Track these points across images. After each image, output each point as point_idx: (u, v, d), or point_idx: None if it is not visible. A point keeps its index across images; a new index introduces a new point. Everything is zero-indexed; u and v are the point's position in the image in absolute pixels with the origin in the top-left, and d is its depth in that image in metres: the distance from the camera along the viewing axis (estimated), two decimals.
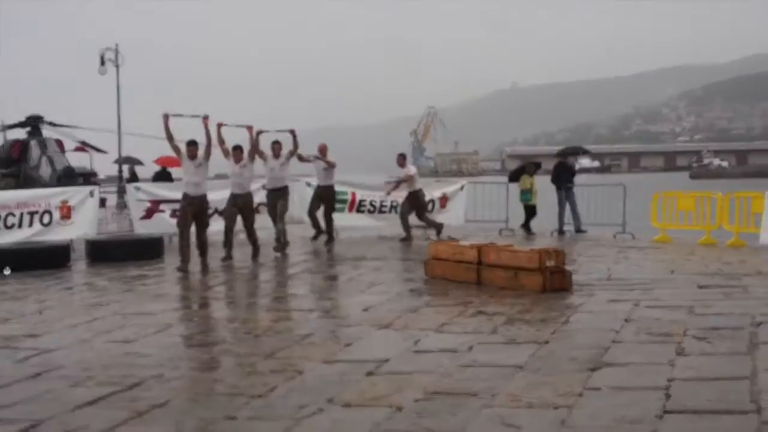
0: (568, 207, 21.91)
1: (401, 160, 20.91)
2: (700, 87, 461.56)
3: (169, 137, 15.55)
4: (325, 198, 19.81)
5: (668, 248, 17.84)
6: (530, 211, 22.09)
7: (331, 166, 19.91)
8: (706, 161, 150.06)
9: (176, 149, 15.53)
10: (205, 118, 15.95)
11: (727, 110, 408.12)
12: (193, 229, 15.66)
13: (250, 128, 17.05)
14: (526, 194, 21.99)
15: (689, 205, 19.45)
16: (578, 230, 21.62)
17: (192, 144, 15.43)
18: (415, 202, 20.25)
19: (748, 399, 6.17)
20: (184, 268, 14.88)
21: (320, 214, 19.93)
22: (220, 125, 16.37)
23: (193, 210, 15.51)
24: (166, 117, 15.58)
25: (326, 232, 19.66)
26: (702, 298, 10.87)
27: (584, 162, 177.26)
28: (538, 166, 23.19)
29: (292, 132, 18.14)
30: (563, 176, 22.20)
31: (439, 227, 20.17)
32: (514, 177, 22.97)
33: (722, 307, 10.11)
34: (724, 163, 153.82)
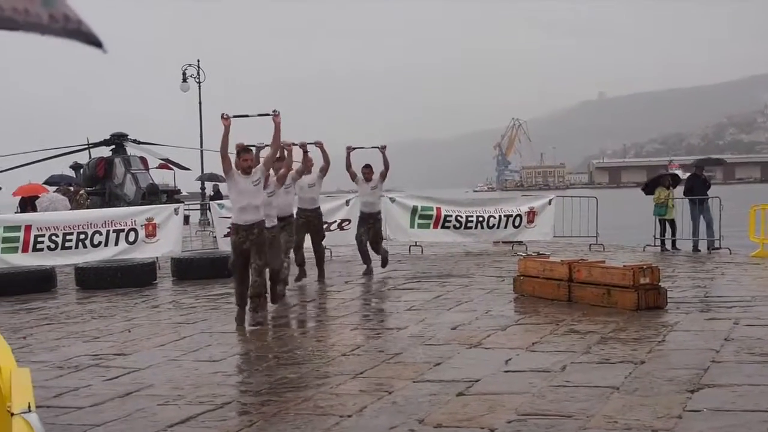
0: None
1: (368, 172, 16.82)
2: None
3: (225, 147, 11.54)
4: (314, 225, 16.13)
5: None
6: (665, 226, 21.08)
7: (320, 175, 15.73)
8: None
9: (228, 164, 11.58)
10: (276, 114, 11.49)
11: None
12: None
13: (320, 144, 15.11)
14: (661, 208, 20.87)
15: None
16: (711, 248, 20.47)
17: (246, 151, 11.45)
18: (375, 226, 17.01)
19: None
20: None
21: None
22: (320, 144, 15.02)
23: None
24: (227, 120, 11.31)
25: (318, 272, 16.30)
26: None
27: (677, 173, 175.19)
28: (675, 178, 22.21)
29: (308, 146, 15.34)
30: (697, 189, 21.19)
31: (384, 261, 17.08)
32: (649, 189, 21.84)
33: None
34: None
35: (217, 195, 36.09)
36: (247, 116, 11.84)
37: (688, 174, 22.62)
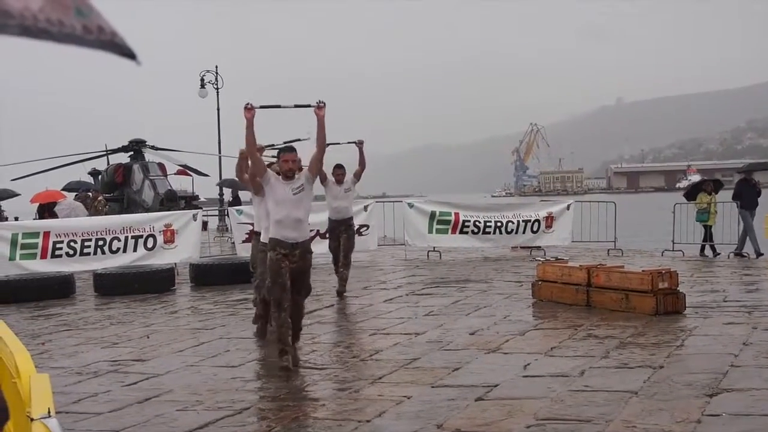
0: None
1: (340, 173, 14.59)
2: None
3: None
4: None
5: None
6: (708, 232, 20.83)
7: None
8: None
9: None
10: (320, 106, 9.13)
11: None
12: None
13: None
14: (703, 214, 20.65)
15: None
16: (759, 253, 20.05)
17: (288, 151, 9.43)
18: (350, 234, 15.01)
19: None
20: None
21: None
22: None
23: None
24: (250, 111, 9.07)
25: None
26: None
27: (694, 178, 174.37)
28: (718, 183, 21.83)
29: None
30: (746, 194, 20.66)
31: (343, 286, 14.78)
32: (691, 195, 21.51)
33: None
34: None
35: (236, 201, 36.14)
36: (279, 107, 9.09)
37: (737, 178, 22.16)
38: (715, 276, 15.96)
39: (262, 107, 8.68)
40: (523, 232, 21.29)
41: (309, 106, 8.86)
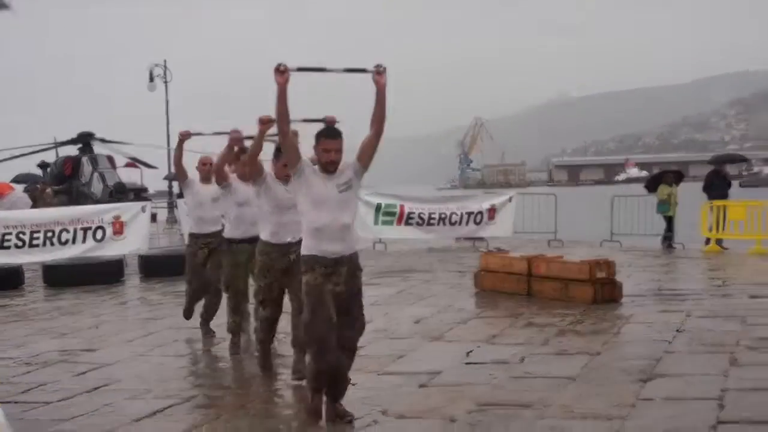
0: None
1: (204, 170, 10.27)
2: (751, 94, 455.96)
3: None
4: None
5: (719, 258, 17.69)
6: (670, 224, 20.66)
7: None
8: (756, 169, 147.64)
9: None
10: (380, 71, 6.47)
11: None
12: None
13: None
14: (664, 205, 20.50)
15: (740, 215, 19.28)
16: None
17: (331, 137, 6.65)
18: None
19: None
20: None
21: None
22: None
23: None
24: (284, 73, 6.24)
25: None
26: (754, 308, 10.80)
27: (632, 171, 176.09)
28: (678, 174, 21.78)
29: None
30: (716, 185, 20.68)
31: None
32: (652, 186, 21.36)
33: None
34: None
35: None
36: (324, 70, 6.60)
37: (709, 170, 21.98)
38: (651, 266, 16.19)
39: (300, 69, 6.24)
40: (467, 224, 21.36)
41: (364, 71, 6.32)
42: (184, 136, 9.48)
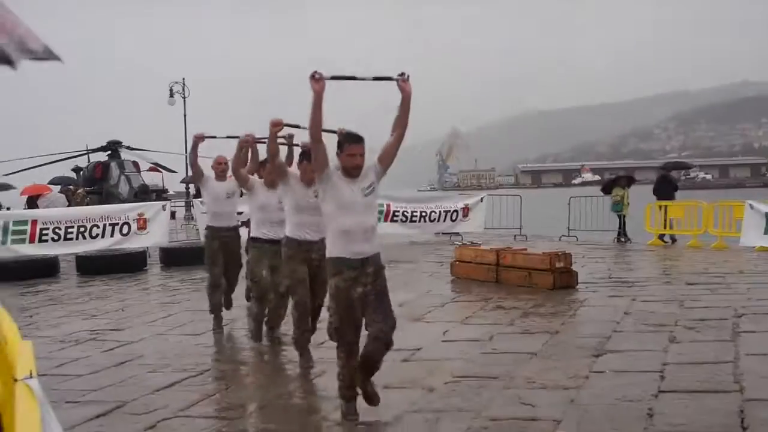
0: None
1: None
2: (687, 110, 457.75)
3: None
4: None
5: (661, 251, 17.72)
6: (622, 221, 20.54)
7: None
8: (692, 175, 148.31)
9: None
10: (404, 78, 5.83)
11: (710, 130, 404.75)
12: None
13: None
14: (617, 205, 20.36)
15: (679, 213, 19.36)
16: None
17: (354, 141, 6.01)
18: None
19: (732, 380, 6.17)
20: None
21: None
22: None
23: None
24: (319, 81, 5.50)
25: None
26: (691, 293, 10.82)
27: (587, 176, 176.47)
28: (630, 179, 21.68)
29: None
30: (664, 189, 20.61)
31: None
32: (607, 189, 21.20)
33: (708, 301, 10.06)
34: (709, 176, 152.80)
35: (199, 194, 35.85)
36: (354, 78, 6.07)
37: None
38: (603, 257, 16.21)
39: (334, 78, 5.66)
40: (444, 221, 21.36)
41: (390, 79, 5.73)
42: (198, 139, 9.04)
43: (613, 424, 5.23)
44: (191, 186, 39.91)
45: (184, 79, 43.23)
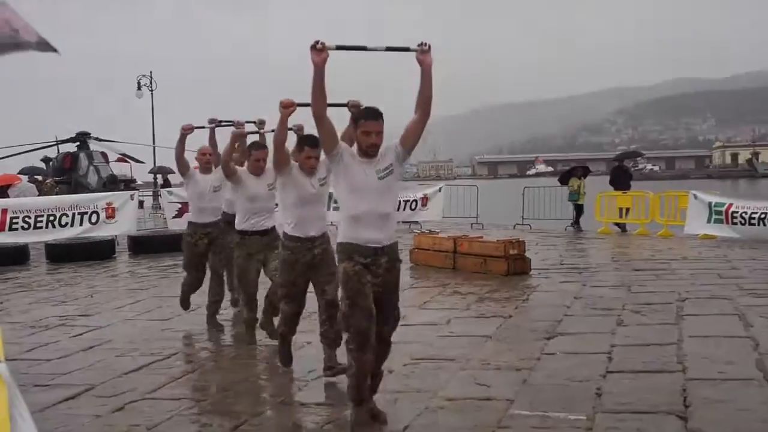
0: None
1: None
2: (635, 105, 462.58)
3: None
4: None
5: (610, 239, 17.91)
6: (579, 210, 20.60)
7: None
8: (640, 166, 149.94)
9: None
10: (425, 50, 4.91)
11: (657, 124, 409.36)
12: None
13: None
14: (574, 195, 20.45)
15: (627, 203, 19.57)
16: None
17: (373, 117, 5.02)
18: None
19: (676, 361, 6.26)
20: None
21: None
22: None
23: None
24: (321, 51, 4.71)
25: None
26: (637, 279, 10.96)
27: (540, 167, 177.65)
28: (586, 170, 21.71)
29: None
30: (621, 179, 20.67)
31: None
32: (564, 180, 21.28)
33: (654, 286, 10.20)
34: (656, 168, 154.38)
35: (166, 184, 35.65)
36: (365, 49, 5.14)
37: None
38: (555, 245, 16.34)
39: (339, 48, 4.87)
40: (404, 210, 21.35)
41: (407, 49, 4.87)
42: (187, 130, 8.11)
43: (564, 403, 5.28)
44: (158, 176, 39.67)
45: (151, 72, 43.07)
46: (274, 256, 7.12)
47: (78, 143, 32.64)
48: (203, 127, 8.38)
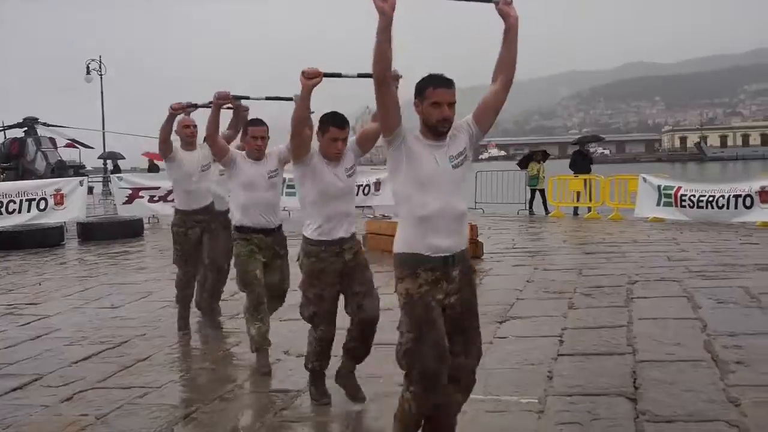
0: None
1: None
2: (587, 89, 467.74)
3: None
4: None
5: (561, 222, 18.09)
6: (536, 195, 20.67)
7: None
8: (592, 150, 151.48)
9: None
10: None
11: (608, 108, 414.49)
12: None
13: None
14: (534, 179, 20.56)
15: (578, 186, 19.78)
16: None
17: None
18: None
19: (626, 343, 6.34)
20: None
21: None
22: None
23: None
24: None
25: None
26: (588, 262, 11.09)
27: (493, 151, 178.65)
28: (545, 154, 21.78)
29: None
30: (580, 163, 20.70)
31: None
32: (523, 164, 21.40)
33: (605, 269, 10.32)
34: (606, 151, 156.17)
35: (116, 169, 35.25)
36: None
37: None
38: (507, 228, 16.45)
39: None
40: (357, 195, 21.33)
41: (489, 0, 3.85)
42: (176, 110, 6.94)
43: (516, 386, 5.32)
44: (108, 161, 39.17)
45: (100, 56, 42.53)
46: (277, 266, 6.25)
47: (25, 129, 32.01)
48: (195, 105, 7.06)
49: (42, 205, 17.62)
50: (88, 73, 41.71)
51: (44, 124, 32.40)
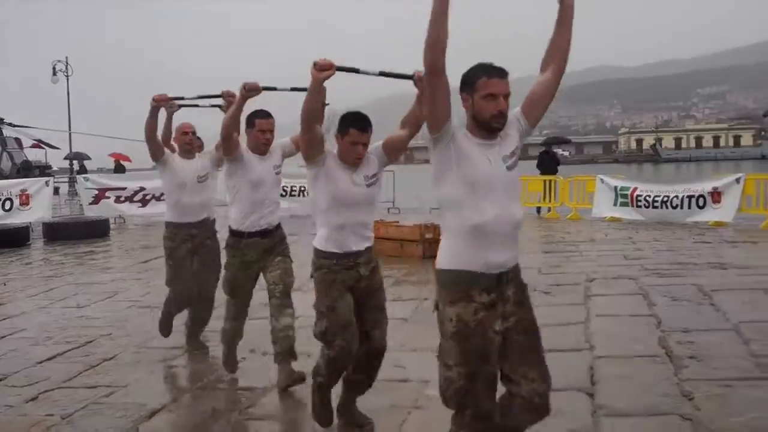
0: None
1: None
2: None
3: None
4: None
5: (523, 222, 18.15)
6: None
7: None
8: (553, 152, 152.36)
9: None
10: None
11: (568, 111, 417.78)
12: None
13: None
14: None
15: (538, 187, 19.90)
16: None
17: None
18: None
19: (584, 339, 6.40)
20: None
21: None
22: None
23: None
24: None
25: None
26: (547, 260, 11.17)
27: None
28: None
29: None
30: (547, 163, 20.69)
31: None
32: None
33: (563, 268, 10.41)
34: (566, 153, 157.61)
35: (82, 170, 34.85)
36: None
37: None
38: None
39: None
40: None
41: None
42: (160, 102, 6.12)
43: None
44: (74, 162, 38.71)
45: (67, 57, 41.98)
46: (276, 263, 5.83)
47: None
48: (183, 99, 6.35)
49: (8, 205, 17.40)
50: (54, 74, 41.17)
51: (10, 124, 32.00)
